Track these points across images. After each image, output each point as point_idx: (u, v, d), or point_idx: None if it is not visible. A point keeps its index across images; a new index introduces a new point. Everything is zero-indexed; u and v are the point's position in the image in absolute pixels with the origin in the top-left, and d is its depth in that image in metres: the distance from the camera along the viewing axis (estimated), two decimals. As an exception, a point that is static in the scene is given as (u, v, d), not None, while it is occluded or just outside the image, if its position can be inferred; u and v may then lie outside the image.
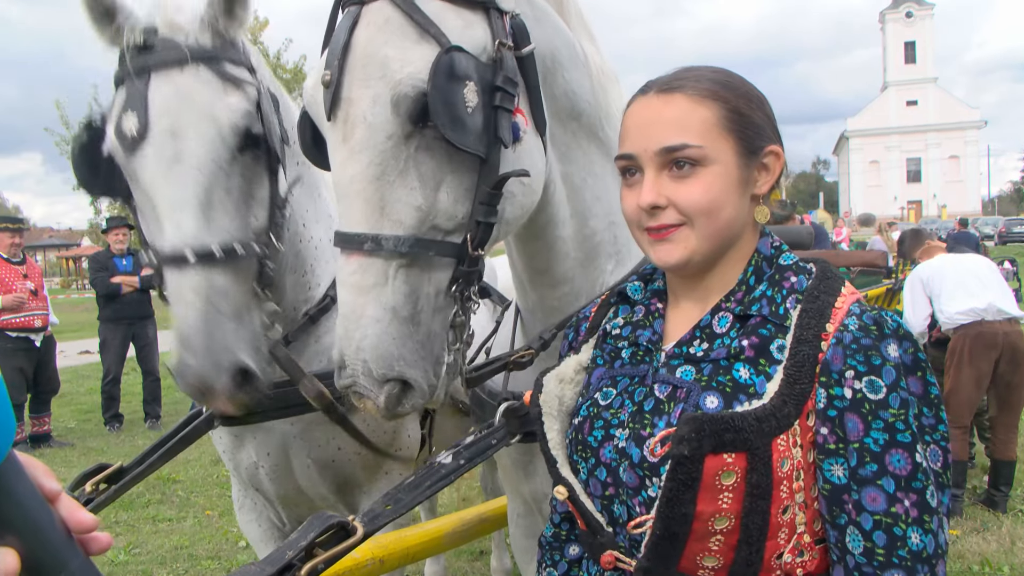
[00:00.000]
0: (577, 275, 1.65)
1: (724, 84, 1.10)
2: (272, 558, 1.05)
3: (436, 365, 1.29)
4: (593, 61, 1.62)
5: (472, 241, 1.28)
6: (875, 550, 0.96)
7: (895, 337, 1.01)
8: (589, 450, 1.15)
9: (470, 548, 4.60)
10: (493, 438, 1.42)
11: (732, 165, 1.08)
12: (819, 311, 1.05)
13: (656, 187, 1.08)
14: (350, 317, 1.23)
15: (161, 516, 5.55)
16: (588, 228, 1.63)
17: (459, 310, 1.30)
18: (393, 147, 1.23)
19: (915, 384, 1.00)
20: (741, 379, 1.04)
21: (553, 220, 1.56)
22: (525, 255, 1.64)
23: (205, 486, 6.17)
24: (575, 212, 1.61)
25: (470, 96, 1.21)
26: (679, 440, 0.98)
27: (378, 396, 1.22)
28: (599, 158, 1.63)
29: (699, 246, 1.08)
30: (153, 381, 8.61)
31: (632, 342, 1.21)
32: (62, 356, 9.52)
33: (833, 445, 0.99)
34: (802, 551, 1.02)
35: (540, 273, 1.65)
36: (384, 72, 1.23)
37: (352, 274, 1.24)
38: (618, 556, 1.09)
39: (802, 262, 1.14)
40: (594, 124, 1.60)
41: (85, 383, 11.11)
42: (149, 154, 1.62)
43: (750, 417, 0.98)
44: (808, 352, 1.02)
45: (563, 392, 1.25)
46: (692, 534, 1.00)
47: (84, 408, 9.66)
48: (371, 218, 1.23)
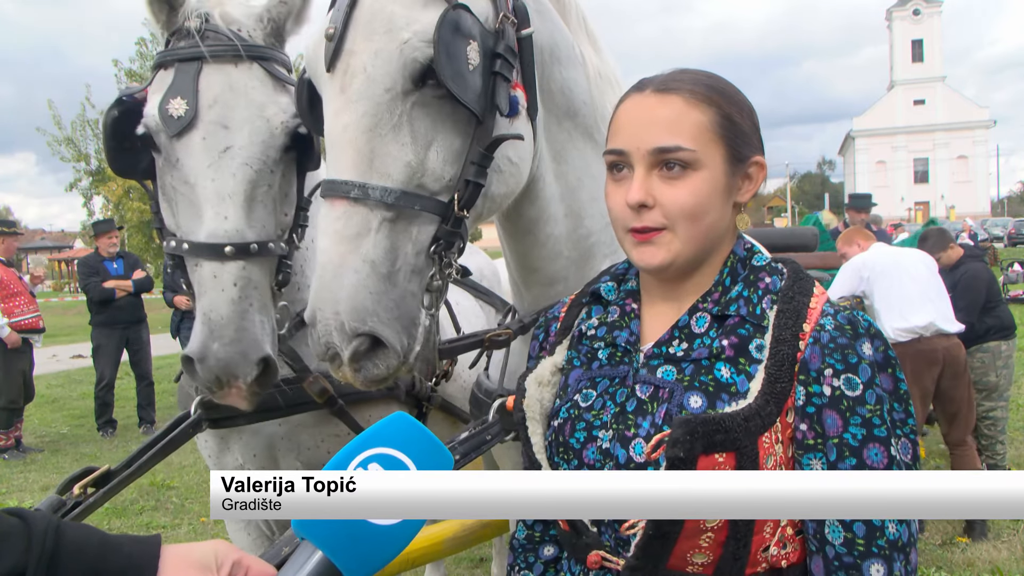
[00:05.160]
0: (571, 275, 1.64)
1: (718, 90, 1.12)
2: None
3: (411, 326, 1.29)
4: (591, 64, 1.63)
5: (459, 201, 1.29)
6: (855, 540, 1.00)
7: (868, 336, 1.05)
8: (571, 452, 1.16)
9: (470, 555, 4.55)
10: (488, 434, 1.44)
11: (720, 171, 1.09)
12: (795, 311, 1.08)
13: (645, 186, 1.09)
14: (327, 267, 1.23)
15: (155, 523, 5.50)
16: (583, 228, 1.63)
17: (436, 273, 1.31)
18: (390, 101, 1.25)
19: (886, 381, 1.04)
20: (723, 378, 1.07)
21: (543, 216, 1.57)
22: (517, 253, 1.65)
23: (200, 493, 6.10)
24: (570, 211, 1.61)
25: (472, 55, 1.25)
26: (673, 443, 1.00)
27: (345, 351, 1.22)
28: (596, 160, 1.62)
29: (682, 250, 1.10)
30: (147, 386, 8.55)
31: (609, 343, 1.21)
32: (55, 360, 9.50)
33: (812, 440, 1.03)
34: (785, 543, 1.06)
35: (533, 272, 1.66)
36: (389, 27, 1.25)
37: (336, 220, 1.24)
38: (604, 556, 1.10)
39: (773, 262, 1.16)
40: (590, 125, 1.61)
41: (78, 388, 11.08)
42: (197, 141, 1.65)
43: (738, 417, 1.01)
44: (787, 352, 1.05)
45: (542, 395, 1.25)
46: (683, 532, 1.02)
47: (77, 413, 9.61)
48: (360, 167, 1.24)
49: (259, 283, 1.67)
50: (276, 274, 1.77)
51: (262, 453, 2.06)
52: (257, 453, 2.06)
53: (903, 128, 62.77)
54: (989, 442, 5.15)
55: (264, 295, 1.70)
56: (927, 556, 4.36)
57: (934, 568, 4.20)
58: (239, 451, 2.08)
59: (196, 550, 0.88)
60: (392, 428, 0.89)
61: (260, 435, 2.03)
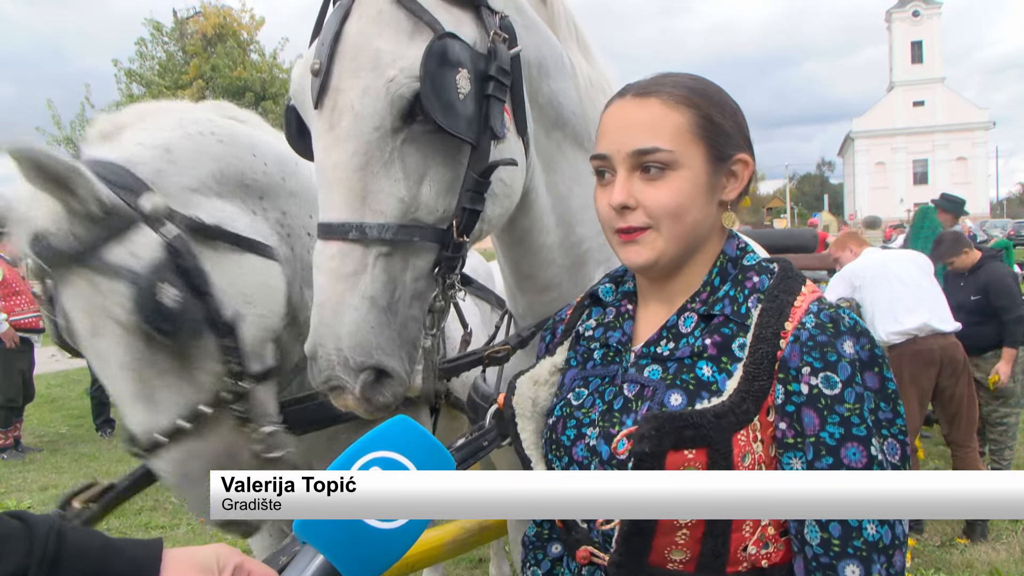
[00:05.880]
0: (564, 281, 1.66)
1: (698, 92, 1.13)
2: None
3: (412, 350, 1.29)
4: (582, 73, 1.63)
5: (457, 228, 1.29)
6: (831, 541, 0.99)
7: (851, 334, 1.04)
8: (562, 449, 1.18)
9: (469, 556, 4.54)
10: (484, 439, 1.46)
11: (701, 171, 1.11)
12: (778, 310, 1.08)
13: (627, 188, 1.11)
14: (326, 305, 1.22)
15: (154, 523, 5.49)
16: (575, 236, 1.64)
17: (439, 294, 1.31)
18: (380, 138, 1.24)
19: (871, 379, 1.03)
20: (704, 377, 1.08)
21: (535, 226, 1.58)
22: (511, 261, 1.66)
23: (197, 493, 6.06)
24: (561, 220, 1.62)
25: (462, 83, 1.24)
26: (640, 438, 1.01)
27: (354, 386, 1.22)
28: (587, 168, 1.62)
29: (666, 248, 1.12)
30: (145, 386, 8.47)
31: (603, 343, 1.23)
32: (54, 360, 9.48)
33: (791, 439, 1.03)
34: (767, 543, 1.06)
35: (526, 279, 1.67)
36: (375, 64, 1.23)
37: (331, 258, 1.23)
38: (592, 551, 1.12)
39: (765, 262, 1.16)
40: (580, 134, 1.61)
41: (77, 387, 11.00)
42: None
43: (708, 414, 1.02)
44: (767, 350, 1.05)
45: (537, 393, 1.27)
46: (658, 528, 1.04)
47: (76, 413, 9.57)
48: (353, 206, 1.23)
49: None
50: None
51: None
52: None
53: (902, 129, 62.77)
54: (998, 447, 5.12)
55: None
56: (926, 557, 4.36)
57: (933, 569, 4.20)
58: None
59: (198, 553, 0.89)
60: (393, 432, 0.89)
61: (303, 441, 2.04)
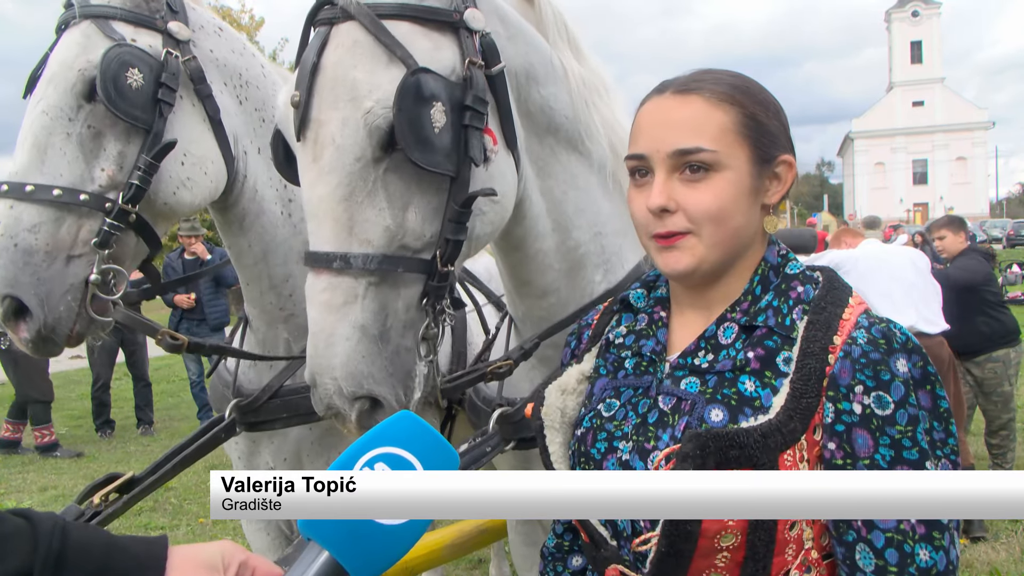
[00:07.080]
0: (563, 286, 1.66)
1: (742, 89, 1.08)
2: None
3: (407, 379, 1.30)
4: (573, 75, 1.62)
5: (441, 258, 1.30)
6: (887, 568, 0.95)
7: (904, 351, 0.99)
8: (592, 462, 1.13)
9: (469, 556, 4.53)
10: (487, 445, 1.43)
11: (745, 173, 1.05)
12: (826, 323, 1.02)
13: (666, 190, 1.05)
14: (319, 336, 1.24)
15: (154, 524, 5.49)
16: (572, 240, 1.64)
17: (431, 323, 1.32)
18: (362, 169, 1.25)
19: (924, 398, 0.98)
20: (746, 392, 1.03)
21: (531, 233, 1.58)
22: (508, 266, 1.66)
23: (198, 493, 6.08)
24: (556, 225, 1.62)
25: (438, 116, 1.23)
26: (683, 457, 0.96)
27: (349, 413, 1.24)
28: (582, 171, 1.63)
29: (707, 254, 1.06)
30: (144, 387, 8.52)
31: (635, 352, 1.18)
32: (53, 360, 9.46)
33: (841, 460, 0.98)
34: (809, 567, 1.01)
35: (524, 284, 1.67)
36: (353, 95, 1.24)
37: (322, 292, 1.25)
38: (623, 571, 1.07)
39: (808, 271, 1.12)
40: (574, 138, 1.61)
41: (76, 388, 11.02)
42: None
43: (755, 433, 0.97)
44: (815, 365, 1.00)
45: (565, 403, 1.23)
46: (697, 551, 0.98)
47: (75, 414, 9.58)
48: (340, 237, 1.25)
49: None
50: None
51: (291, 457, 2.07)
52: (287, 457, 2.07)
53: (902, 129, 62.78)
54: (1000, 451, 5.14)
55: None
56: (926, 557, 4.36)
57: (933, 569, 4.21)
58: (270, 455, 2.09)
59: (203, 551, 0.88)
60: (397, 427, 0.88)
61: (289, 439, 2.04)
